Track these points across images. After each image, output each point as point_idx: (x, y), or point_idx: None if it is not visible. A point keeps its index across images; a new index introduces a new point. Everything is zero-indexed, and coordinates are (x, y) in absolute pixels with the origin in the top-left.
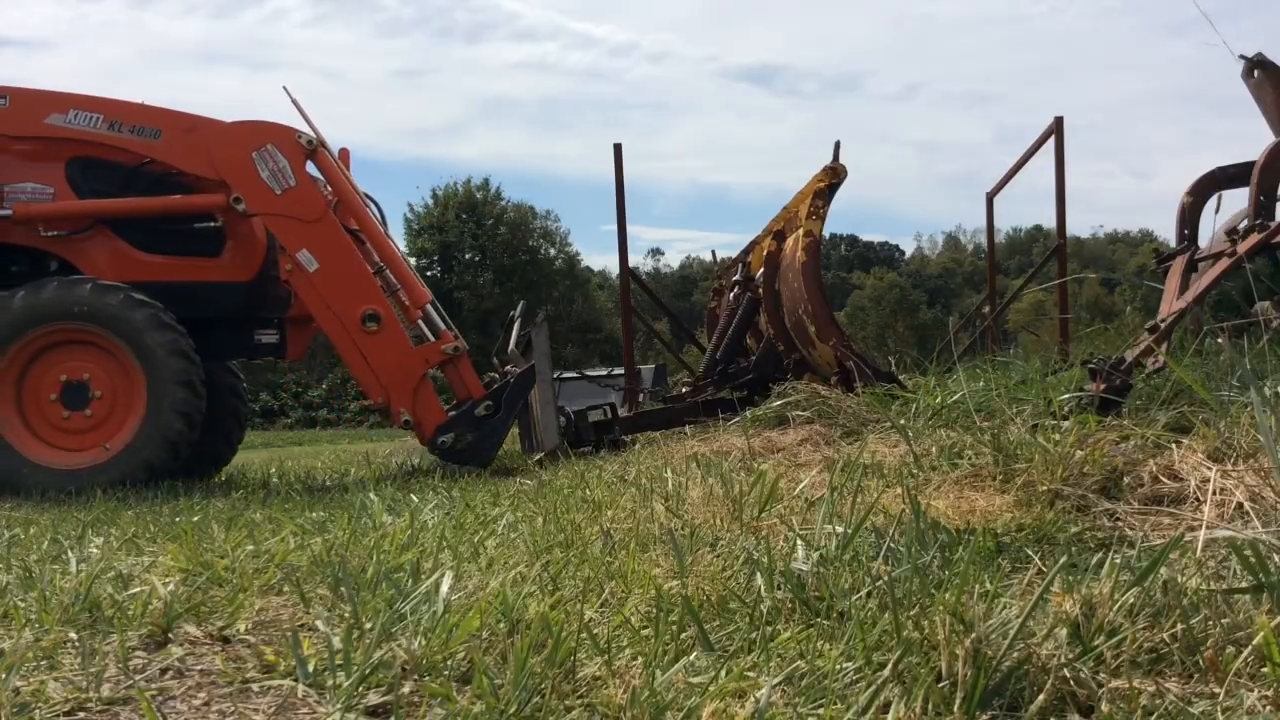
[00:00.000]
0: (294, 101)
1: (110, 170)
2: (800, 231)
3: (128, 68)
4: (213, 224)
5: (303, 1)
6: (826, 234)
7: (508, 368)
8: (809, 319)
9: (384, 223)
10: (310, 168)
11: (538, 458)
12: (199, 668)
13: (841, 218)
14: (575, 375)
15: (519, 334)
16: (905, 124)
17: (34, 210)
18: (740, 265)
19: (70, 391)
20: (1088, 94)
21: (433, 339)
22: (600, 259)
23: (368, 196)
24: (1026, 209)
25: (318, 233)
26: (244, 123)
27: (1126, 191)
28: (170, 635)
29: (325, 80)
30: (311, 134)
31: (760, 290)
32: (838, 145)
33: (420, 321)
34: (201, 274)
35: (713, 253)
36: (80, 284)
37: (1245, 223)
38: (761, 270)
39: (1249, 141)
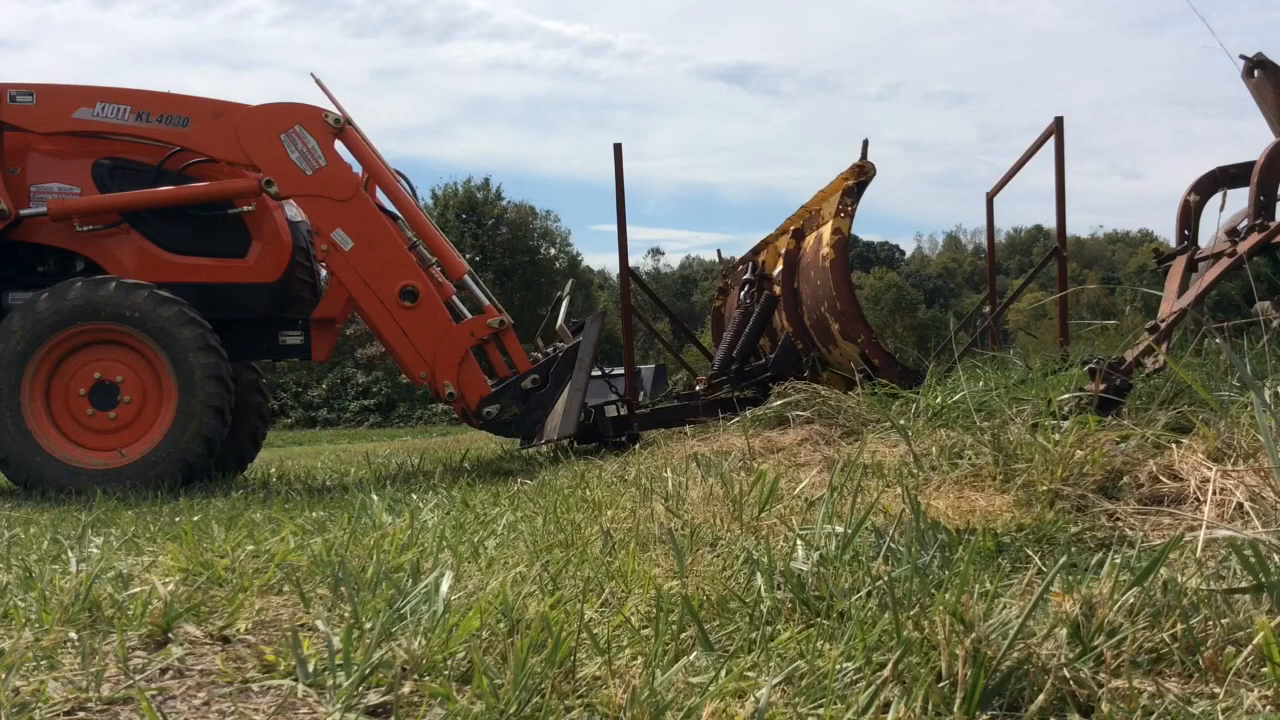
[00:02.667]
0: (318, 82)
1: (136, 171)
2: (827, 229)
3: (105, 67)
4: (240, 225)
5: (268, 0)
6: None
7: (554, 344)
8: (832, 317)
9: (414, 196)
10: (339, 147)
11: (541, 444)
12: (199, 668)
13: None
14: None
15: (566, 312)
16: (888, 124)
17: (69, 205)
18: (750, 264)
19: (101, 391)
20: (1069, 93)
21: (469, 315)
22: (592, 258)
23: (398, 172)
24: (1026, 209)
25: (351, 211)
26: (271, 105)
27: (1116, 191)
28: (170, 635)
29: (306, 80)
30: (338, 113)
31: (778, 288)
32: (865, 143)
33: (455, 296)
34: (228, 275)
35: (718, 252)
36: (137, 289)
37: (1245, 222)
38: (779, 268)
39: (1235, 140)
